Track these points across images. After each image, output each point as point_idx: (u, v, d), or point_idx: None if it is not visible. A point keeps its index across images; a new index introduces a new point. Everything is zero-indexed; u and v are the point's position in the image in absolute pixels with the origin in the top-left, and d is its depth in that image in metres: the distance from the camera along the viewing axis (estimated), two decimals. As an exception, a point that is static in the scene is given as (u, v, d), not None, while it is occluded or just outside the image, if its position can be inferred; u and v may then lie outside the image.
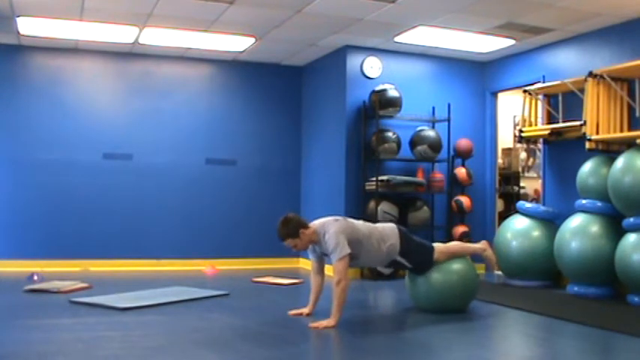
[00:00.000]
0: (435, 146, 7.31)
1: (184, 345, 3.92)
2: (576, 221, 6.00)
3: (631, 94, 6.08)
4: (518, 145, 9.52)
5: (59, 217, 7.55)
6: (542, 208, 6.68)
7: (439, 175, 7.45)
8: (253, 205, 8.26)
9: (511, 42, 7.00)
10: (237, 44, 7.41)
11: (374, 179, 7.09)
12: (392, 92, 7.21)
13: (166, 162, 7.97)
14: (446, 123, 7.55)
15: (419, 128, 7.40)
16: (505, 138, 9.24)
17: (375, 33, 6.89)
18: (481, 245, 5.30)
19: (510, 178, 9.36)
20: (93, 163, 7.70)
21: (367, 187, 7.23)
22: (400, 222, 7.08)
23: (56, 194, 7.56)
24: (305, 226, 4.60)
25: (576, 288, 5.98)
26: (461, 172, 7.56)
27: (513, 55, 7.55)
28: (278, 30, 6.81)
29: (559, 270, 6.28)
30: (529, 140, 7.23)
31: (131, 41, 7.29)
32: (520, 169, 9.69)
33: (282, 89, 8.51)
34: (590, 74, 6.01)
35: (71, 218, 7.58)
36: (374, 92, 7.25)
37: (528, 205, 6.77)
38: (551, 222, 6.60)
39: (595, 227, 5.87)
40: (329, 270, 4.76)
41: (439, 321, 4.73)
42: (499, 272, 7.14)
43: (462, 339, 4.30)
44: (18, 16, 6.41)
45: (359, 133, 7.38)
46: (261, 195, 8.31)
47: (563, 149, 6.82)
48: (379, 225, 5.05)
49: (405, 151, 7.36)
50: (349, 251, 4.52)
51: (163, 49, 7.71)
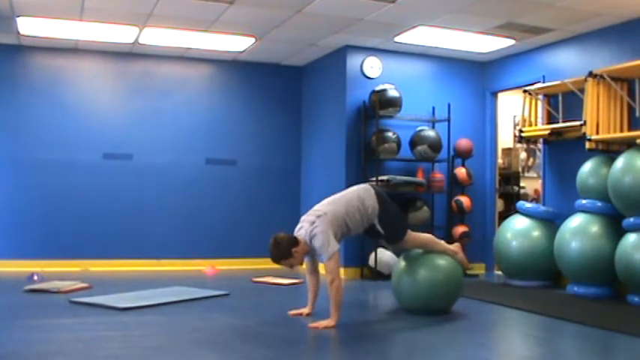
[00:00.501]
0: (435, 146, 7.31)
1: (184, 345, 3.92)
2: (576, 221, 6.00)
3: (631, 94, 6.08)
4: (518, 145, 9.52)
5: (59, 217, 7.55)
6: (542, 208, 6.68)
7: (439, 175, 7.45)
8: (253, 205, 8.26)
9: (511, 42, 7.00)
10: (237, 44, 7.41)
11: (374, 179, 7.08)
12: (392, 92, 7.21)
13: (166, 162, 7.97)
14: (446, 123, 7.55)
15: (419, 128, 7.40)
16: (505, 138, 9.24)
17: (375, 33, 6.89)
18: (453, 247, 5.22)
19: (510, 178, 9.36)
20: (93, 163, 7.70)
21: (367, 187, 7.22)
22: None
23: (56, 194, 7.56)
24: (295, 244, 4.56)
25: (576, 288, 5.98)
26: (461, 172, 7.56)
27: (513, 55, 7.55)
28: (278, 30, 6.81)
29: (559, 270, 6.28)
30: (529, 140, 7.23)
31: (131, 41, 7.30)
32: (520, 169, 9.69)
33: (282, 89, 8.51)
34: (590, 74, 6.01)
35: (71, 218, 7.59)
36: (374, 92, 7.25)
37: (528, 205, 6.77)
38: (551, 222, 6.60)
39: (595, 227, 5.87)
40: (324, 269, 4.75)
41: (439, 321, 4.73)
42: (498, 272, 7.15)
43: (462, 339, 4.29)
44: (18, 16, 6.42)
45: (359, 133, 7.38)
46: (261, 195, 8.31)
47: (563, 149, 6.82)
48: (353, 190, 4.90)
49: (405, 151, 7.36)
50: (337, 248, 4.53)
51: (163, 49, 7.71)
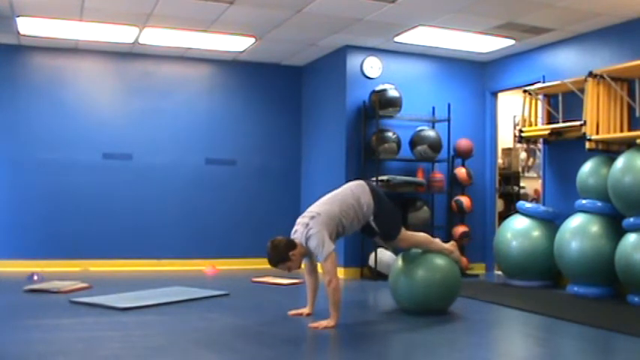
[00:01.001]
0: (435, 146, 7.31)
1: (184, 345, 3.92)
2: (576, 221, 6.00)
3: (631, 94, 6.08)
4: (518, 145, 9.52)
5: (59, 217, 7.55)
6: (542, 208, 6.68)
7: (439, 175, 7.45)
8: (253, 205, 8.26)
9: (511, 42, 7.00)
10: (237, 44, 7.41)
11: (374, 179, 7.08)
12: (392, 92, 7.21)
13: (166, 162, 7.97)
14: (446, 123, 7.55)
15: (419, 128, 7.40)
16: (505, 138, 9.24)
17: (375, 33, 6.89)
18: (449, 246, 5.18)
19: (510, 178, 9.36)
20: (93, 163, 7.70)
21: (367, 187, 7.22)
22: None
23: (56, 194, 7.56)
24: (293, 247, 4.55)
25: (576, 288, 5.98)
26: (461, 172, 7.55)
27: (513, 55, 7.55)
28: (278, 30, 6.81)
29: (559, 270, 6.28)
30: (529, 140, 7.23)
31: (131, 41, 7.29)
32: (520, 169, 9.69)
33: (282, 89, 8.51)
34: (590, 74, 6.01)
35: (71, 218, 7.58)
36: (374, 92, 7.25)
37: (528, 205, 6.77)
38: (551, 222, 6.60)
39: (595, 227, 5.87)
40: (321, 269, 4.75)
41: (438, 321, 4.73)
42: (498, 272, 7.15)
43: (462, 339, 4.29)
44: (18, 16, 6.41)
45: (359, 133, 7.38)
46: (261, 195, 8.31)
47: (563, 149, 6.82)
48: (347, 187, 4.93)
49: (405, 151, 7.36)
50: (332, 247, 4.52)
51: (163, 49, 7.71)
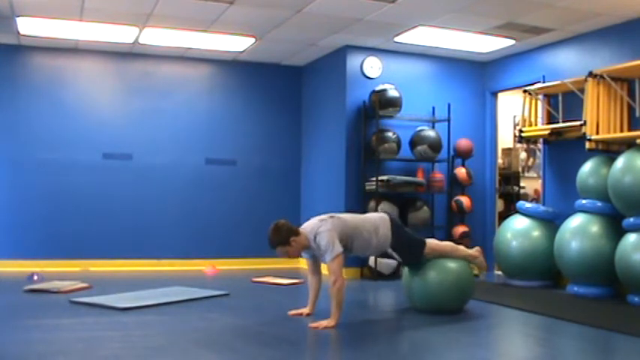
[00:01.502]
0: (435, 146, 7.31)
1: (184, 345, 3.92)
2: (576, 221, 6.00)
3: (631, 94, 6.08)
4: (518, 145, 9.51)
5: (59, 217, 7.55)
6: (542, 208, 6.68)
7: (439, 175, 7.45)
8: (253, 205, 8.26)
9: (511, 42, 7.00)
10: (237, 44, 7.41)
11: (374, 179, 7.08)
12: (392, 92, 7.21)
13: (166, 162, 7.97)
14: (446, 123, 7.55)
15: (419, 128, 7.40)
16: (505, 138, 9.24)
17: (375, 33, 6.89)
18: (474, 252, 5.22)
19: (510, 178, 9.36)
20: (93, 163, 7.70)
21: (367, 187, 7.23)
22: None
23: (56, 194, 7.56)
24: (296, 233, 4.57)
25: (576, 288, 5.98)
26: (461, 172, 7.56)
27: (513, 55, 7.55)
28: (278, 30, 6.81)
29: (559, 270, 6.28)
30: (529, 140, 7.22)
31: (131, 41, 7.29)
32: (520, 169, 9.69)
33: (282, 89, 8.51)
34: (590, 74, 6.01)
35: (71, 218, 7.59)
36: (374, 92, 7.25)
37: (528, 205, 6.76)
38: (551, 222, 6.60)
39: (595, 227, 5.87)
40: (326, 269, 4.76)
41: (439, 321, 4.73)
42: (498, 272, 7.16)
43: (462, 339, 4.29)
44: (18, 16, 6.41)
45: (359, 133, 7.38)
46: (261, 195, 8.31)
47: (563, 149, 6.82)
48: (371, 215, 5.04)
49: (405, 151, 7.36)
50: (342, 249, 4.52)
51: (163, 49, 7.71)
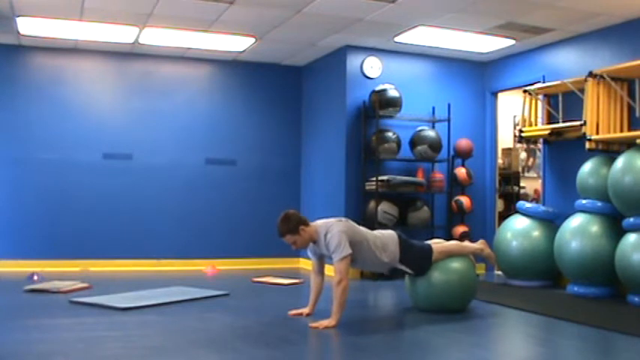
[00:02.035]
0: (435, 146, 7.31)
1: (184, 345, 3.92)
2: (576, 221, 6.00)
3: (631, 94, 6.08)
4: (518, 145, 9.52)
5: (59, 217, 7.55)
6: (542, 208, 6.68)
7: (439, 175, 7.45)
8: (253, 205, 8.25)
9: (511, 42, 7.00)
10: (237, 44, 7.41)
11: (374, 179, 7.08)
12: (392, 92, 7.20)
13: (166, 162, 7.97)
14: (446, 123, 7.55)
15: (419, 128, 7.40)
16: (505, 138, 9.24)
17: (375, 33, 6.89)
18: (479, 245, 5.28)
19: (510, 178, 9.36)
20: (93, 163, 7.69)
21: (367, 187, 7.23)
22: (400, 222, 7.10)
23: (56, 194, 7.56)
24: (305, 224, 4.59)
25: (576, 288, 5.98)
26: (461, 172, 7.55)
27: (513, 55, 7.55)
28: (278, 30, 6.81)
29: (559, 270, 6.28)
30: (529, 140, 7.23)
31: (131, 41, 7.29)
32: (520, 169, 9.69)
33: (282, 89, 8.51)
34: (590, 74, 6.01)
35: (71, 218, 7.58)
36: (374, 92, 7.25)
37: (528, 205, 6.77)
38: (551, 222, 6.60)
39: (595, 227, 5.87)
40: (329, 270, 4.76)
41: (439, 321, 4.73)
42: (498, 272, 7.16)
43: (462, 339, 4.29)
44: (18, 16, 6.41)
45: (359, 133, 7.37)
46: (261, 195, 8.30)
47: (563, 149, 6.82)
48: (379, 232, 5.01)
49: (405, 151, 7.36)
50: (350, 251, 4.52)
51: (163, 49, 7.71)
